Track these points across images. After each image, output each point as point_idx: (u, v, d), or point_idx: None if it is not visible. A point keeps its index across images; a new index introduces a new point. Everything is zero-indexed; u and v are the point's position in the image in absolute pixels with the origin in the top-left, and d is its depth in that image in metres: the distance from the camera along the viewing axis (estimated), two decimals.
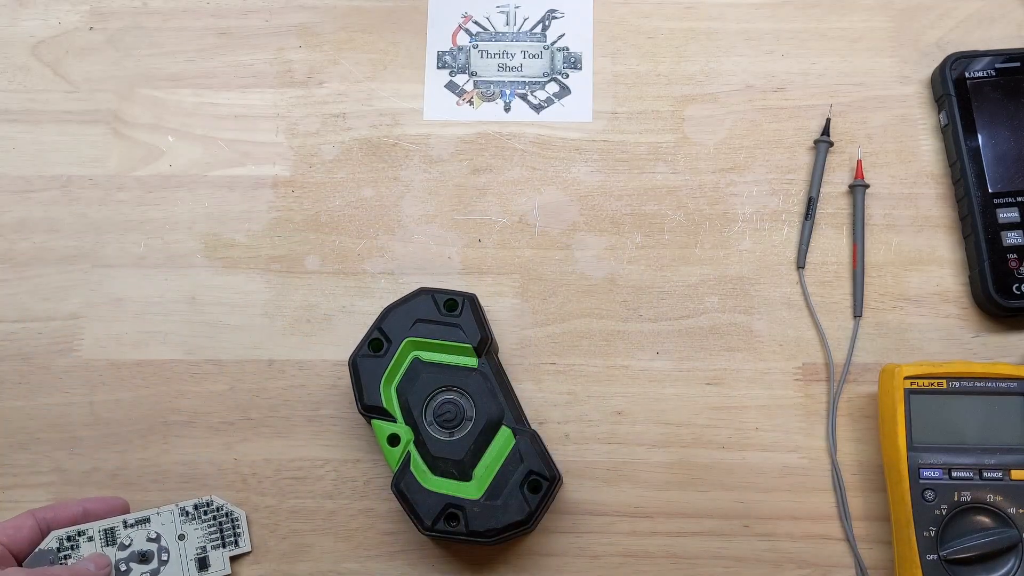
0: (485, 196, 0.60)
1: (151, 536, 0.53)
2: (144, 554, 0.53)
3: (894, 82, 0.60)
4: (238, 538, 0.54)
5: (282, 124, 0.61)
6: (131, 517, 0.53)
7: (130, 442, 0.57)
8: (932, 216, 0.58)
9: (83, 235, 0.60)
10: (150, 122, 0.61)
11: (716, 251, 0.59)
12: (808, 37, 0.61)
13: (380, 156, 0.60)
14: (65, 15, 0.63)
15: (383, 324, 0.54)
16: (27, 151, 0.61)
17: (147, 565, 0.53)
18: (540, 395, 0.57)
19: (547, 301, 0.58)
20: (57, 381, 0.58)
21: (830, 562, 0.54)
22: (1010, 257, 0.55)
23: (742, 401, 0.56)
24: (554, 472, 0.52)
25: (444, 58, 0.62)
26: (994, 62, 0.58)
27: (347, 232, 0.59)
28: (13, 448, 0.57)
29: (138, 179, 0.60)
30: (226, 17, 0.63)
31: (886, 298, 0.57)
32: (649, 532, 0.55)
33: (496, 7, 0.63)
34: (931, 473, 0.51)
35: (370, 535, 0.55)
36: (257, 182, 0.60)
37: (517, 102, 0.61)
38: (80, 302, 0.59)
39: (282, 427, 0.57)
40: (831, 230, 0.59)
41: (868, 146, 0.59)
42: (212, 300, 0.59)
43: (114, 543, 0.53)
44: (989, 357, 0.56)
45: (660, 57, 0.61)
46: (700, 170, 0.60)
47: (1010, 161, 0.57)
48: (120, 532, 0.53)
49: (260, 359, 0.58)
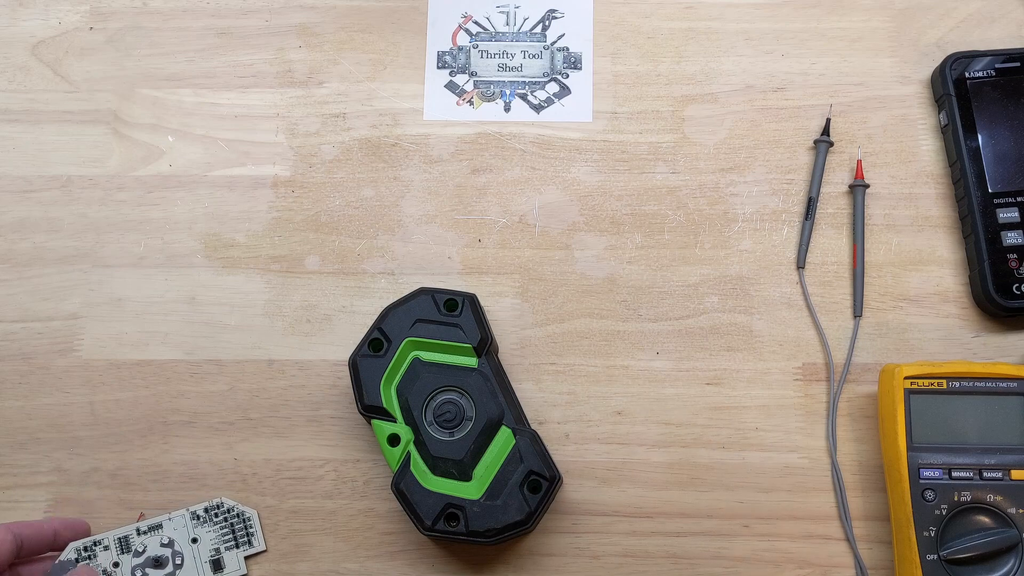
0: (485, 196, 0.60)
1: (164, 541, 0.53)
2: (158, 559, 0.53)
3: (894, 82, 0.60)
4: (251, 537, 0.54)
5: (282, 124, 0.61)
6: (144, 524, 0.54)
7: (130, 442, 0.57)
8: (932, 216, 0.58)
9: (83, 235, 0.60)
10: (150, 122, 0.61)
11: (716, 251, 0.59)
12: (808, 37, 0.61)
13: (380, 156, 0.60)
14: (65, 15, 0.63)
15: (383, 324, 0.54)
16: (27, 151, 0.61)
17: (162, 570, 0.53)
18: (540, 395, 0.57)
19: (547, 301, 0.58)
20: (57, 381, 0.58)
21: (830, 562, 0.54)
22: (1010, 257, 0.55)
23: (742, 401, 0.56)
24: (554, 472, 0.52)
25: (444, 58, 0.62)
26: (994, 62, 0.58)
27: (347, 232, 0.59)
28: (13, 448, 0.57)
29: (138, 179, 0.60)
30: (226, 17, 0.63)
31: (886, 298, 0.57)
32: (649, 532, 0.55)
33: (496, 7, 0.63)
34: (931, 473, 0.51)
35: (370, 535, 0.56)
36: (257, 182, 0.60)
37: (517, 102, 0.61)
38: (80, 302, 0.59)
39: (282, 427, 0.57)
40: (831, 230, 0.59)
41: (868, 146, 0.59)
42: (212, 300, 0.59)
43: (128, 550, 0.53)
44: (989, 357, 0.56)
45: (660, 57, 0.61)
46: (700, 170, 0.60)
47: (1010, 161, 0.57)
48: (134, 539, 0.54)
49: (260, 359, 0.58)
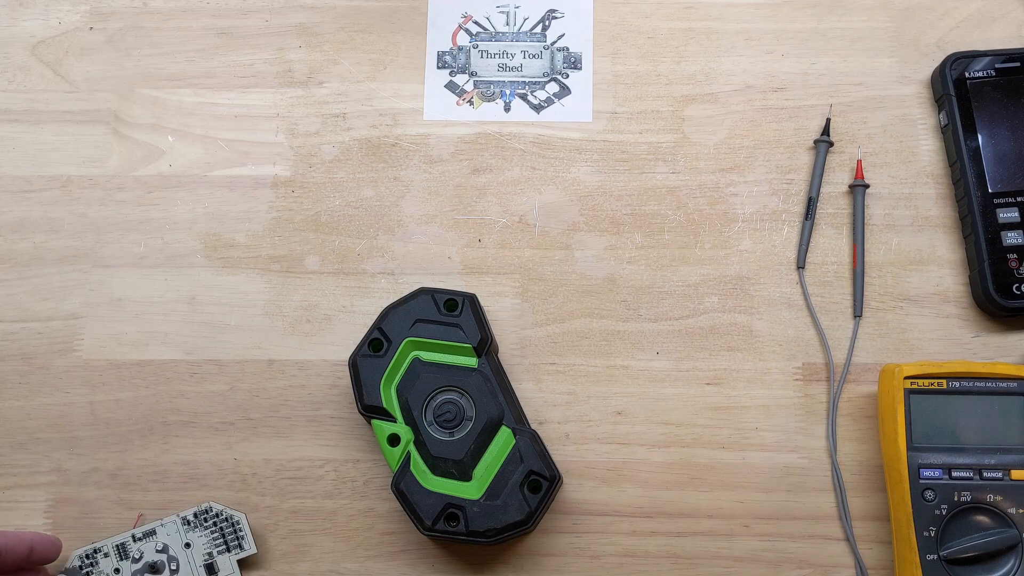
0: (485, 196, 0.60)
1: (159, 547, 0.54)
2: (154, 565, 0.53)
3: (894, 82, 0.60)
4: (241, 541, 0.54)
5: (282, 124, 0.61)
6: (139, 531, 0.54)
7: (130, 442, 0.57)
8: (932, 216, 0.58)
9: (83, 235, 0.60)
10: (150, 122, 0.61)
11: (716, 251, 0.59)
12: (808, 37, 0.61)
13: (380, 156, 0.60)
14: (65, 15, 0.63)
15: (383, 324, 0.54)
16: (27, 151, 0.61)
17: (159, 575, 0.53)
18: (540, 395, 0.57)
19: (547, 301, 0.58)
20: (57, 381, 0.58)
21: (830, 562, 0.54)
22: (1010, 257, 0.55)
23: (742, 401, 0.56)
24: (554, 472, 0.52)
25: (444, 58, 0.62)
26: (994, 62, 0.58)
27: (347, 232, 0.59)
28: (13, 448, 0.57)
29: (138, 179, 0.60)
30: (226, 17, 0.63)
31: (886, 298, 0.57)
32: (649, 532, 0.55)
33: (496, 7, 0.63)
34: (931, 473, 0.51)
35: (370, 535, 0.55)
36: (257, 182, 0.60)
37: (517, 102, 0.61)
38: (80, 302, 0.59)
39: (282, 427, 0.57)
40: (831, 230, 0.59)
41: (868, 146, 0.59)
42: (212, 300, 0.59)
43: (127, 557, 0.54)
44: (989, 357, 0.56)
45: (660, 57, 0.61)
46: (700, 170, 0.60)
47: (1010, 161, 0.57)
48: (131, 546, 0.54)
49: (260, 359, 0.58)
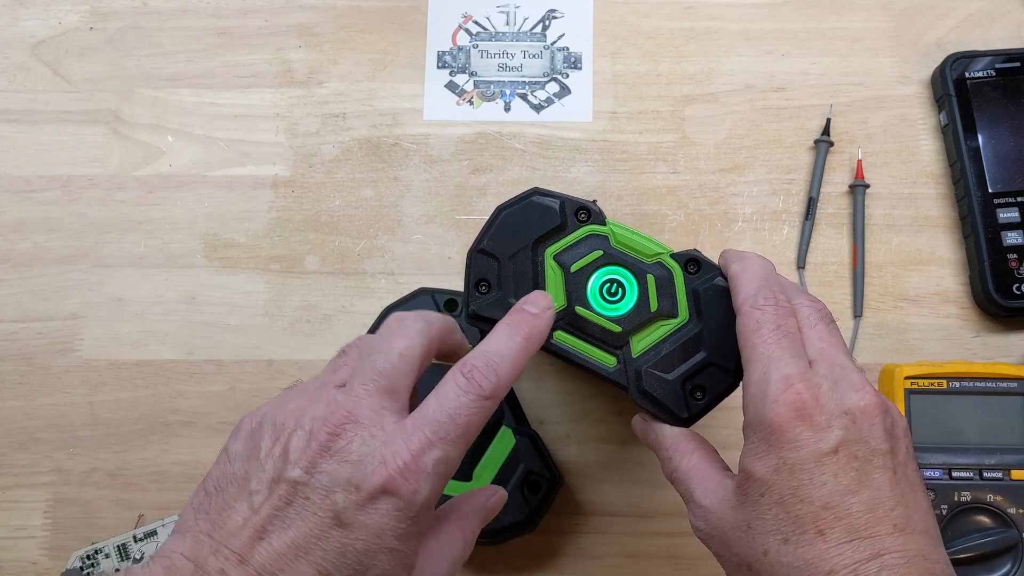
0: (485, 196, 0.60)
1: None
2: None
3: (894, 82, 0.60)
4: None
5: (282, 124, 0.61)
6: (140, 531, 0.54)
7: (130, 442, 0.57)
8: (932, 216, 0.58)
9: (83, 235, 0.60)
10: (150, 122, 0.61)
11: (716, 251, 0.58)
12: (808, 37, 0.61)
13: (380, 156, 0.60)
14: (65, 15, 0.63)
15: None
16: (27, 151, 0.61)
17: None
18: (540, 395, 0.57)
19: None
20: (57, 381, 0.58)
21: None
22: (1010, 257, 0.55)
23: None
24: (554, 472, 0.52)
25: (444, 58, 0.62)
26: (994, 62, 0.58)
27: (347, 232, 0.59)
28: (13, 448, 0.57)
29: (138, 179, 0.60)
30: (226, 17, 0.63)
31: (886, 298, 0.57)
32: (649, 532, 0.55)
33: (496, 7, 0.63)
34: (931, 473, 0.51)
35: None
36: (257, 182, 0.60)
37: (517, 102, 0.61)
38: (80, 302, 0.59)
39: None
40: (831, 230, 0.59)
41: (868, 146, 0.59)
42: (212, 300, 0.59)
43: (128, 557, 0.54)
44: (989, 357, 0.56)
45: (660, 57, 0.61)
46: (700, 170, 0.60)
47: (1010, 161, 0.57)
48: (132, 546, 0.54)
49: (260, 359, 0.58)
